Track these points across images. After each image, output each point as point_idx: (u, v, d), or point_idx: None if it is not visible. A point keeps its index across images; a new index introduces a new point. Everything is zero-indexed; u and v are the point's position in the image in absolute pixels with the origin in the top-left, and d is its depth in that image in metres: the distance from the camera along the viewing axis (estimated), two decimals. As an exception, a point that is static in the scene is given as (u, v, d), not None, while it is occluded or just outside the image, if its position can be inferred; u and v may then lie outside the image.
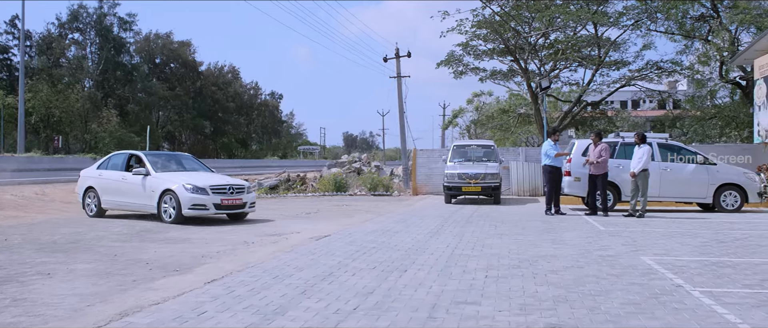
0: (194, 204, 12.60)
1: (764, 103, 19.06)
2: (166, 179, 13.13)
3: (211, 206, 12.74)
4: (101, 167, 14.90)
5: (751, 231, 11.50)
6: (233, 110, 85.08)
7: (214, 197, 12.77)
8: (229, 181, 13.60)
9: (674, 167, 15.78)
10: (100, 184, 14.39)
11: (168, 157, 15.10)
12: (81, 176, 15.24)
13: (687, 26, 29.81)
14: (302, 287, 6.33)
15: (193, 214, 12.71)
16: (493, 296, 5.93)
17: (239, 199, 13.26)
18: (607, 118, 36.15)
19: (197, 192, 12.66)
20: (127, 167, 14.19)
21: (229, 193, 13.07)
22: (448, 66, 33.19)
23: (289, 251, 8.86)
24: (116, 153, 15.42)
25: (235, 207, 13.22)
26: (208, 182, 13.01)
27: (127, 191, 13.73)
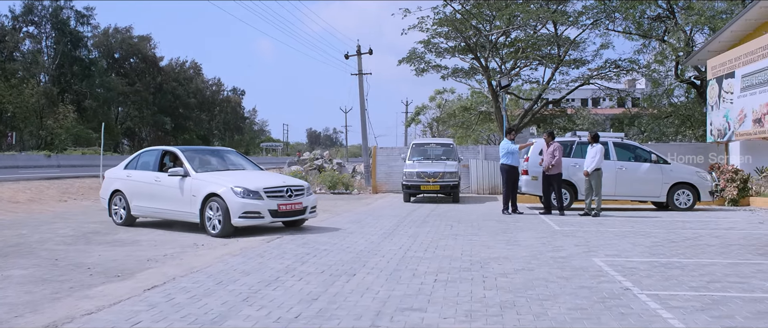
0: (246, 212, 10.44)
1: (716, 103, 19.39)
2: (209, 181, 10.97)
3: (267, 214, 10.61)
4: (130, 167, 12.74)
5: (702, 230, 11.64)
6: (195, 106, 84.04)
7: (270, 201, 10.67)
8: (285, 180, 11.56)
9: (629, 166, 15.94)
10: (129, 187, 12.29)
11: (208, 153, 12.89)
12: (106, 177, 13.25)
13: (644, 26, 30.19)
14: (245, 294, 6.15)
15: (244, 223, 10.53)
16: (440, 302, 5.82)
17: (299, 203, 11.13)
18: (567, 116, 36.51)
19: (249, 196, 10.51)
20: (160, 166, 12.12)
21: (286, 196, 10.96)
22: (409, 63, 33.14)
23: (237, 254, 8.65)
24: (147, 150, 13.24)
25: (295, 213, 11.11)
26: (260, 182, 10.92)
27: (162, 196, 11.59)
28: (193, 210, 10.95)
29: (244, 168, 12.47)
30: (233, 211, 10.38)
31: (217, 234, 10.49)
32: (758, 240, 10.21)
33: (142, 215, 12.29)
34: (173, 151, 12.13)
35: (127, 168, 12.77)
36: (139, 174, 12.28)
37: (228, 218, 10.41)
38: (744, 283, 6.77)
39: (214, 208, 10.64)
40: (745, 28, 18.74)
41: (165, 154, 12.30)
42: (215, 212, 10.64)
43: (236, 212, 10.39)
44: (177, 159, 11.91)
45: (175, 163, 12.06)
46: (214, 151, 13.47)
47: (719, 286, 6.61)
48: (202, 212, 10.80)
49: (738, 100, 17.67)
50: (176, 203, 11.31)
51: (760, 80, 16.31)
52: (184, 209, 11.15)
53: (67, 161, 37.81)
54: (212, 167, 12.01)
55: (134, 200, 12.15)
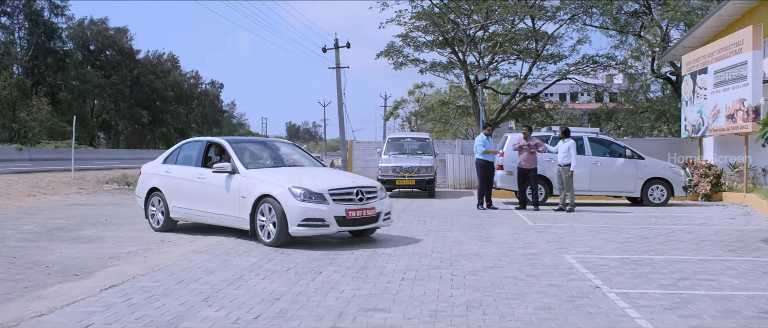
0: (307, 219, 8.49)
1: (691, 98, 19.47)
2: (262, 179, 9.09)
3: (332, 221, 8.58)
4: (169, 161, 10.98)
5: (674, 226, 11.64)
6: (172, 99, 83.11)
7: (336, 206, 8.63)
8: (354, 180, 9.51)
9: (604, 162, 15.93)
10: (168, 184, 10.57)
11: (260, 146, 11.07)
12: (142, 172, 11.51)
13: (621, 22, 30.36)
14: (206, 293, 5.97)
15: (305, 233, 8.61)
16: (405, 302, 5.69)
17: (371, 208, 8.97)
18: (545, 111, 36.60)
19: (311, 199, 8.55)
20: (204, 160, 10.30)
21: (356, 200, 8.85)
22: (388, 57, 33.00)
23: (203, 251, 8.46)
24: (189, 141, 11.36)
25: (366, 220, 8.97)
26: (324, 182, 8.93)
27: (205, 196, 9.83)
28: (242, 214, 9.13)
29: (302, 164, 10.62)
30: (291, 217, 8.49)
31: (271, 243, 8.72)
32: (729, 236, 10.22)
33: (182, 218, 10.51)
34: (219, 143, 10.32)
35: (166, 162, 11.00)
36: (180, 170, 10.49)
37: (284, 225, 8.53)
38: (713, 280, 6.73)
39: (268, 212, 8.79)
40: (719, 24, 18.83)
41: (210, 147, 10.49)
42: (269, 218, 8.80)
43: (295, 219, 8.49)
44: (224, 152, 10.16)
45: (221, 157, 10.33)
46: (267, 142, 11.63)
47: (689, 283, 6.55)
48: (253, 216, 8.98)
49: (712, 96, 17.75)
50: (222, 205, 9.52)
51: (732, 76, 16.38)
52: (231, 213, 9.36)
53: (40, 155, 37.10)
54: (265, 162, 10.34)
55: (174, 201, 10.39)
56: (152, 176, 11.03)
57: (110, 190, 21.52)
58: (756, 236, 10.13)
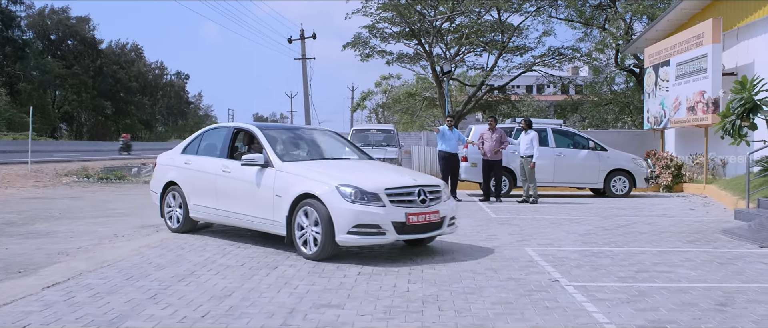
0: (359, 224, 6.90)
1: (653, 90, 19.65)
2: (302, 174, 7.51)
3: (390, 228, 6.97)
4: (188, 151, 9.47)
5: (635, 217, 11.70)
6: (137, 90, 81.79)
7: (394, 209, 7.02)
8: (414, 178, 7.72)
9: (568, 153, 15.98)
10: (187, 178, 9.08)
11: (295, 134, 9.38)
12: (158, 163, 10.03)
13: (586, 14, 30.56)
14: (154, 290, 5.75)
15: (355, 242, 7.02)
16: (360, 298, 5.55)
17: (435, 212, 7.35)
18: (511, 102, 36.75)
19: (364, 201, 6.98)
20: (230, 151, 8.77)
21: (418, 201, 7.26)
22: (354, 48, 32.78)
23: (157, 245, 8.21)
24: (212, 127, 9.78)
25: (430, 227, 7.35)
26: (378, 180, 7.31)
27: (232, 193, 8.29)
28: (277, 217, 7.56)
29: (346, 156, 9.18)
30: (340, 222, 6.91)
31: (313, 255, 7.15)
32: (688, 227, 10.29)
33: (203, 218, 9.01)
34: (249, 130, 8.80)
35: (185, 152, 9.52)
36: (202, 161, 8.99)
37: (330, 232, 6.96)
38: (671, 272, 6.72)
39: (310, 216, 7.22)
40: (681, 17, 19.01)
41: (237, 134, 9.02)
42: (311, 222, 7.23)
43: (344, 225, 6.90)
44: (253, 141, 8.74)
45: (250, 146, 8.93)
46: (303, 130, 9.94)
47: (647, 276, 6.53)
48: (291, 220, 7.41)
49: (673, 88, 17.92)
50: (251, 205, 7.96)
51: (693, 69, 16.54)
52: (263, 215, 7.79)
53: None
54: (303, 153, 8.86)
55: (194, 198, 8.94)
56: (169, 168, 9.56)
57: (69, 183, 20.97)
58: (714, 227, 10.21)
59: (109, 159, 36.62)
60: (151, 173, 25.83)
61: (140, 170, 26.15)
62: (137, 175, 25.15)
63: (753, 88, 12.21)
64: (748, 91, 12.16)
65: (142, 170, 26.40)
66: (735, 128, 12.41)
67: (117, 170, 25.51)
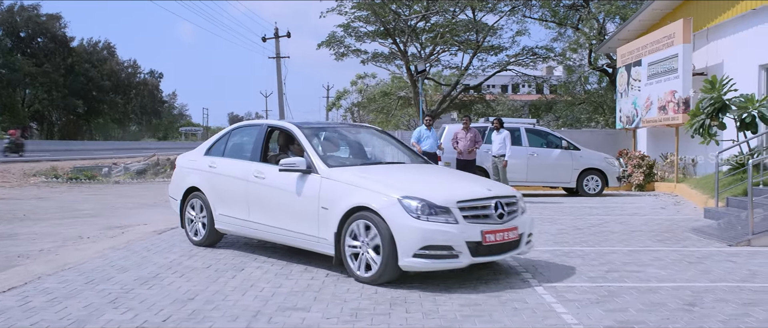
0: (428, 246, 5.75)
1: (625, 90, 19.79)
2: (353, 183, 6.36)
3: (464, 249, 5.82)
4: (213, 152, 8.30)
5: (607, 216, 11.74)
6: (109, 89, 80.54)
7: (468, 227, 5.90)
8: (489, 188, 6.54)
9: (541, 152, 16.02)
10: (213, 184, 7.91)
11: (338, 134, 8.23)
12: (178, 166, 8.84)
13: (560, 14, 30.75)
14: (115, 294, 5.59)
15: (423, 266, 5.83)
16: (326, 300, 5.45)
17: (513, 229, 6.22)
18: (486, 102, 36.87)
19: (433, 215, 5.85)
20: (264, 153, 7.60)
21: (496, 216, 6.13)
22: (329, 47, 32.67)
23: (122, 247, 8.02)
24: (242, 125, 8.57)
25: (507, 247, 6.21)
26: (448, 190, 6.24)
27: (267, 203, 7.17)
28: (323, 233, 6.42)
29: (399, 159, 7.94)
30: (405, 243, 5.77)
31: (370, 279, 6.01)
32: (659, 226, 10.34)
33: (231, 231, 7.79)
34: (285, 129, 7.67)
35: (210, 153, 8.32)
36: (229, 165, 7.83)
37: (392, 253, 5.82)
38: (641, 271, 6.71)
39: (364, 232, 6.09)
40: (652, 17, 19.16)
41: (271, 133, 7.83)
42: (366, 240, 6.07)
43: (410, 246, 5.75)
44: (291, 142, 7.74)
45: (286, 147, 7.85)
46: (345, 128, 8.68)
47: (617, 276, 6.51)
48: (340, 237, 6.27)
49: (645, 88, 18.05)
50: (290, 218, 6.82)
51: (665, 68, 16.68)
52: (305, 230, 6.63)
53: (-37, 146, 35.37)
54: (351, 156, 7.86)
55: (220, 207, 7.77)
56: (191, 172, 8.38)
57: (37, 183, 20.57)
58: (684, 226, 10.27)
59: (80, 159, 36.04)
60: (122, 173, 25.55)
61: (111, 170, 25.75)
62: (108, 175, 24.76)
63: (722, 88, 12.33)
64: (718, 91, 12.28)
65: (113, 169, 26.00)
66: (705, 128, 12.54)
67: (87, 169, 25.08)
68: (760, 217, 9.09)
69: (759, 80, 14.41)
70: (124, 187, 20.19)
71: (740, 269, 6.85)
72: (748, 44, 14.85)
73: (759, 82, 14.39)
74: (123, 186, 20.61)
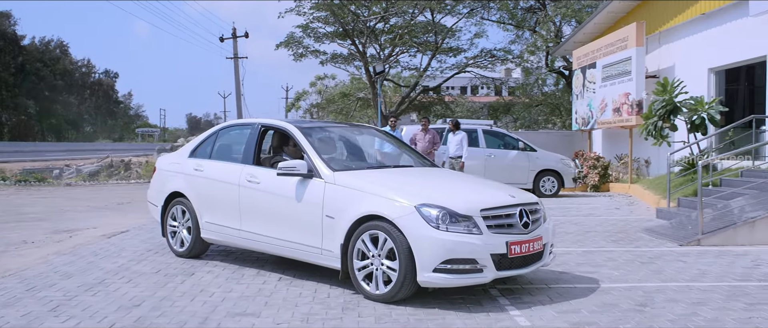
0: (451, 260, 5.20)
1: (581, 92, 20.05)
2: (362, 188, 5.78)
3: (489, 262, 5.28)
4: (199, 153, 7.59)
5: (562, 217, 11.84)
6: (62, 89, 78.66)
7: (493, 237, 5.37)
8: (512, 194, 5.98)
9: (498, 154, 16.11)
10: (199, 189, 7.24)
11: (339, 134, 7.48)
12: (158, 168, 8.10)
13: (518, 17, 31.06)
14: (57, 302, 5.38)
15: (445, 282, 5.24)
16: (277, 305, 5.33)
17: (538, 239, 5.73)
18: (445, 103, 37.03)
19: (454, 224, 5.29)
20: (256, 155, 6.93)
21: (521, 225, 5.60)
22: (288, 48, 32.42)
23: (68, 252, 7.77)
24: (232, 124, 7.86)
25: (532, 259, 5.72)
26: (470, 197, 5.68)
27: (262, 211, 6.52)
28: (327, 245, 5.83)
29: (407, 162, 7.44)
30: (425, 256, 5.20)
31: (383, 297, 5.41)
32: (613, 226, 10.46)
33: (220, 241, 7.11)
34: (282, 129, 6.95)
35: (195, 155, 7.61)
36: (218, 168, 7.15)
37: (411, 268, 5.24)
38: (595, 272, 6.76)
39: (377, 243, 5.48)
40: (607, 20, 19.46)
41: (264, 133, 7.12)
42: (379, 252, 5.45)
43: (430, 260, 5.19)
44: (286, 143, 7.08)
45: (280, 149, 7.15)
46: (346, 129, 7.86)
47: (570, 277, 6.54)
48: (347, 249, 5.67)
49: (600, 90, 18.31)
50: (290, 228, 6.17)
51: (619, 71, 16.94)
52: (307, 241, 6.01)
53: None
54: (356, 159, 7.22)
55: (207, 214, 7.10)
56: (173, 176, 7.63)
57: (-18, 185, 19.90)
58: (637, 226, 10.41)
59: (31, 160, 35.02)
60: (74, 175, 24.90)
61: (62, 172, 25.08)
62: (59, 177, 24.12)
63: (673, 90, 12.56)
64: (669, 94, 12.50)
65: (65, 171, 25.34)
66: (657, 129, 12.75)
67: (37, 171, 24.39)
68: (710, 217, 9.26)
69: (709, 83, 14.75)
70: (76, 189, 19.68)
71: (690, 269, 6.95)
72: (698, 48, 15.18)
73: (709, 85, 14.72)
74: (74, 189, 20.09)
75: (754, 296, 5.74)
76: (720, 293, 5.85)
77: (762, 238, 8.50)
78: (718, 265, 7.17)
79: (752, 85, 15.93)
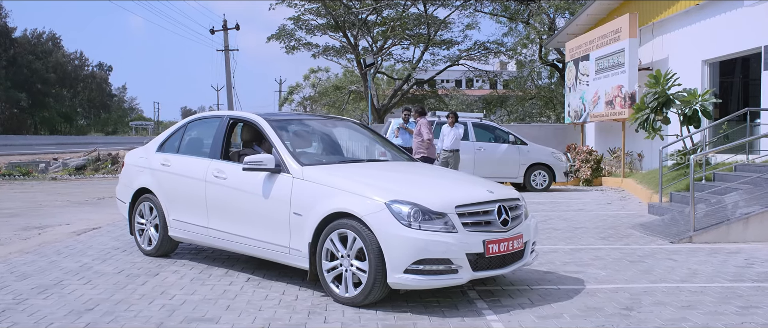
0: (423, 260, 4.86)
1: (574, 85, 19.74)
2: (332, 183, 5.43)
3: (464, 262, 4.95)
4: (167, 148, 7.27)
5: (552, 212, 11.53)
6: (55, 82, 78.11)
7: (469, 236, 5.03)
8: (490, 189, 5.61)
9: (488, 147, 15.79)
10: (166, 185, 6.91)
11: (310, 127, 7.18)
12: (126, 163, 7.73)
13: (511, 9, 30.70)
14: (4, 306, 5.04)
15: (417, 283, 4.89)
16: (240, 309, 5.00)
17: (518, 237, 5.40)
18: (439, 96, 36.70)
19: (428, 222, 4.96)
20: (225, 149, 6.60)
21: (499, 223, 5.25)
22: (279, 41, 32.02)
23: (31, 250, 7.42)
24: (200, 117, 7.53)
25: (511, 258, 5.39)
26: (444, 193, 5.35)
27: (228, 207, 6.20)
28: (295, 244, 5.50)
29: (384, 157, 7.20)
30: (395, 257, 4.87)
31: (353, 300, 5.08)
32: (603, 222, 10.15)
33: (187, 239, 6.77)
34: (250, 121, 6.59)
35: (163, 149, 7.28)
36: (185, 163, 6.82)
37: (381, 269, 4.91)
38: (580, 272, 6.44)
39: (345, 242, 5.16)
40: (600, 12, 19.13)
41: (233, 127, 6.84)
42: (349, 253, 5.13)
43: (401, 260, 4.86)
44: (257, 137, 6.82)
45: (251, 143, 6.93)
46: (318, 121, 7.59)
47: (554, 278, 6.22)
48: (315, 249, 5.34)
49: (593, 83, 18.00)
50: (256, 225, 5.86)
51: (611, 63, 16.62)
52: (273, 240, 5.69)
53: None
54: (327, 153, 6.85)
55: (174, 211, 6.78)
56: (141, 171, 7.29)
57: (-36, 180, 19.53)
58: (628, 222, 10.10)
59: (19, 154, 34.62)
60: (60, 169, 24.51)
61: (49, 166, 24.70)
62: (45, 171, 23.74)
63: (666, 82, 12.25)
64: (662, 86, 12.19)
65: (52, 165, 24.95)
66: (649, 122, 12.45)
67: (24, 165, 24.00)
68: (702, 212, 8.96)
69: (702, 75, 14.43)
70: (60, 184, 19.32)
71: (680, 268, 6.64)
72: (692, 39, 14.86)
73: (702, 77, 14.41)
74: (59, 183, 19.73)
75: (747, 298, 5.43)
76: (711, 295, 5.54)
77: (756, 235, 8.20)
78: (710, 264, 6.86)
79: (747, 77, 15.64)
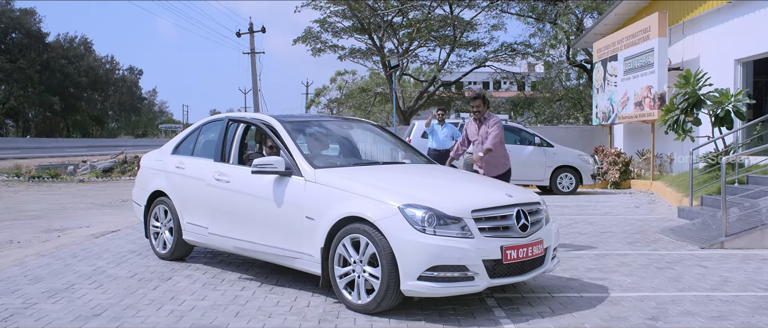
0: (438, 266, 4.65)
1: (602, 85, 19.36)
2: (344, 187, 5.26)
3: (481, 269, 4.74)
4: (182, 150, 7.19)
5: (578, 216, 11.25)
6: (86, 85, 79.30)
7: (486, 241, 4.82)
8: (510, 193, 5.40)
9: (513, 149, 15.40)
10: (180, 188, 6.82)
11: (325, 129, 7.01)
12: (142, 166, 7.70)
13: (538, 9, 30.32)
14: (13, 310, 4.98)
15: (430, 291, 4.69)
16: (250, 315, 4.87)
17: (538, 243, 5.16)
18: (464, 98, 36.39)
19: (442, 227, 4.75)
20: (240, 151, 6.57)
21: (518, 228, 5.04)
22: (305, 43, 32.04)
23: (48, 253, 7.39)
24: (213, 119, 7.16)
25: (531, 265, 5.18)
26: (460, 197, 5.16)
27: (239, 212, 6.05)
28: (306, 248, 5.33)
29: (398, 159, 7.00)
30: (408, 263, 4.68)
31: (366, 307, 4.89)
32: (631, 227, 9.85)
33: (201, 243, 6.61)
34: (265, 123, 6.34)
35: (178, 152, 7.20)
36: (198, 165, 6.70)
37: (393, 275, 4.72)
38: (605, 279, 6.19)
39: (358, 248, 4.97)
40: (628, 11, 18.73)
41: (247, 130, 6.74)
42: (360, 258, 4.95)
43: (415, 267, 4.66)
44: (268, 139, 6.63)
45: (262, 145, 6.91)
46: (334, 123, 7.64)
47: (577, 285, 5.99)
48: (328, 254, 5.17)
49: (621, 84, 17.61)
50: (268, 230, 5.69)
51: (640, 63, 16.24)
52: (285, 245, 5.52)
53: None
54: (341, 156, 6.70)
55: (189, 215, 6.66)
56: (156, 174, 7.22)
57: (-6, 182, 19.79)
58: (656, 226, 9.79)
59: (50, 157, 35.13)
60: (88, 171, 24.77)
61: (77, 168, 24.98)
62: (73, 173, 24.01)
63: (697, 82, 11.88)
64: (692, 86, 11.83)
65: (80, 167, 25.24)
66: (679, 124, 12.09)
67: (53, 168, 24.30)
68: (735, 217, 8.63)
69: (735, 75, 13.99)
70: (86, 186, 19.47)
71: (711, 275, 6.35)
72: (724, 38, 14.43)
73: (735, 77, 13.97)
74: (85, 185, 19.89)
75: (781, 308, 5.15)
76: (744, 305, 5.26)
77: (791, 241, 7.85)
78: (742, 271, 6.56)
79: (782, 77, 15.16)
